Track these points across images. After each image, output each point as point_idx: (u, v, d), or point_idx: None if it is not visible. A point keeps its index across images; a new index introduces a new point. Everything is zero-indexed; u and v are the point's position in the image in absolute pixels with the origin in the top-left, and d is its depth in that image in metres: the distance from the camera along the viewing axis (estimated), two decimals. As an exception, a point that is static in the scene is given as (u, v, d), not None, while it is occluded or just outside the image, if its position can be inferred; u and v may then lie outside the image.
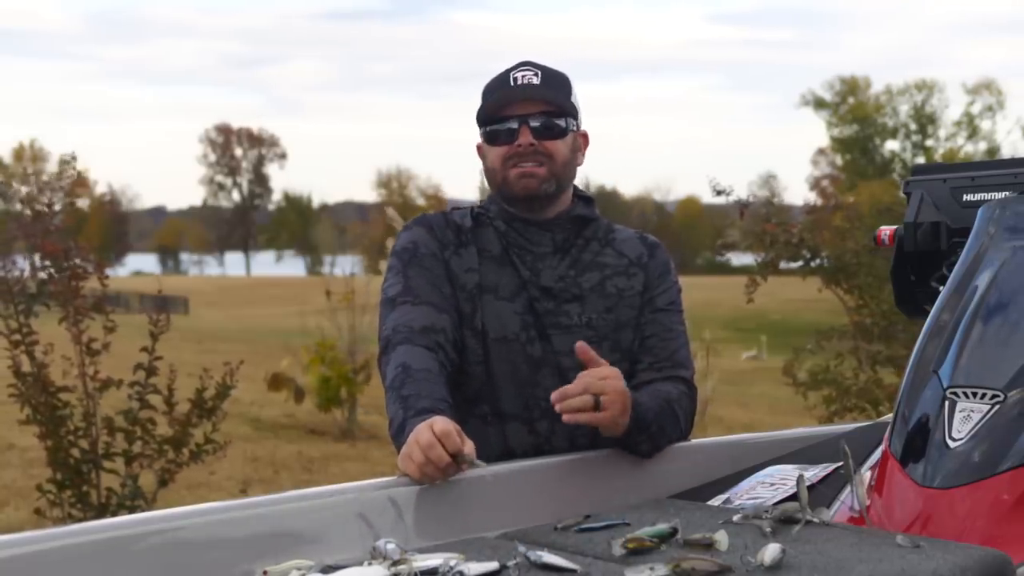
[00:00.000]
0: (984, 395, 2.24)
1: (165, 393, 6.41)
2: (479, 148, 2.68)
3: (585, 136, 2.71)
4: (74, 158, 7.00)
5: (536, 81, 2.61)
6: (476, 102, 2.66)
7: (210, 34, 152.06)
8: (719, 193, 9.17)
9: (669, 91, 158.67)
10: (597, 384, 2.36)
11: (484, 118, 2.64)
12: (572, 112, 2.64)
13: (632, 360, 2.62)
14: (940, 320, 2.44)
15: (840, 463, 2.35)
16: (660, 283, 2.69)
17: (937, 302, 2.51)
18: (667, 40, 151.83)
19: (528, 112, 2.59)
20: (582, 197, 2.72)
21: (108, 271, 6.87)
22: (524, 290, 2.60)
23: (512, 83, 2.62)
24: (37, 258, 6.67)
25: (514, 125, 2.59)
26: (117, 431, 6.31)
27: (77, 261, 6.57)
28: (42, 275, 6.62)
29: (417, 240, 2.64)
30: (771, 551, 1.89)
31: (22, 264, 6.74)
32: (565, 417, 2.35)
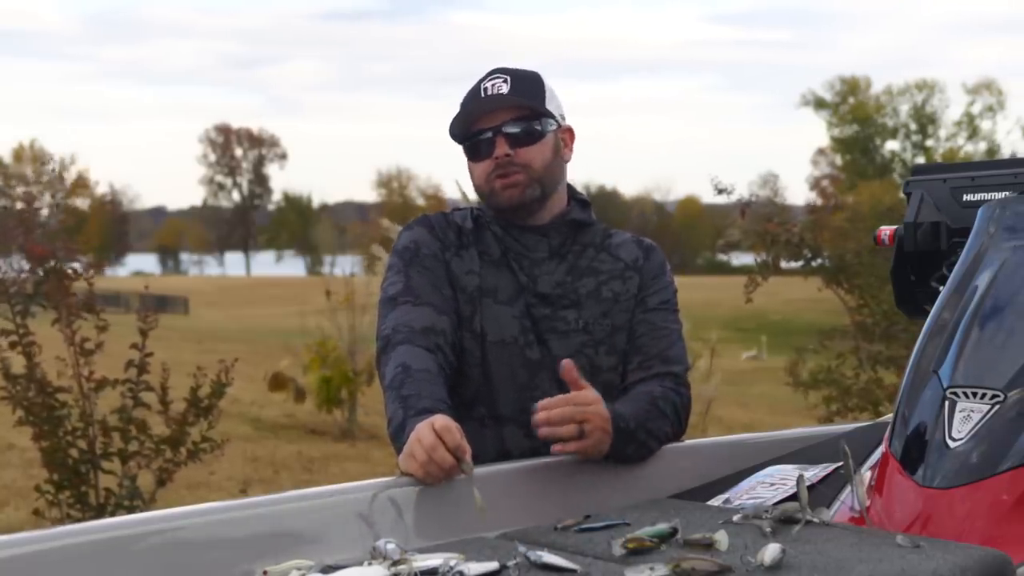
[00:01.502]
0: (984, 395, 2.24)
1: (159, 392, 6.40)
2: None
3: (570, 131, 2.69)
4: (63, 161, 6.98)
5: (505, 88, 2.59)
6: None
7: (209, 34, 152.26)
8: (721, 192, 9.16)
9: (667, 91, 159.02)
10: (580, 413, 2.36)
11: (459, 134, 2.62)
12: (546, 112, 2.61)
13: (627, 362, 2.63)
14: (940, 320, 2.44)
15: (840, 463, 2.35)
16: (654, 284, 2.68)
17: (937, 302, 2.51)
18: (664, 40, 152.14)
19: (500, 121, 2.57)
20: (579, 200, 2.70)
21: (108, 271, 6.87)
22: (522, 295, 2.60)
23: (482, 94, 2.59)
24: (22, 259, 6.65)
25: (489, 136, 2.58)
26: (113, 430, 6.31)
27: (74, 264, 6.55)
28: (26, 275, 6.60)
29: (419, 240, 2.63)
30: (771, 551, 1.89)
31: (19, 265, 6.73)
32: (554, 447, 2.36)
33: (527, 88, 2.61)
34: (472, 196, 6.59)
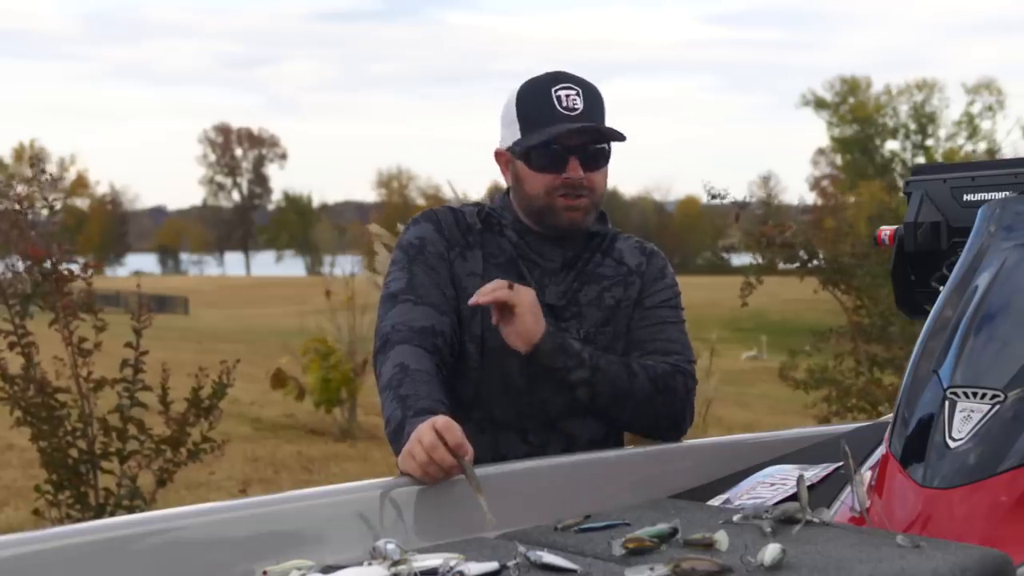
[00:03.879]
0: (984, 395, 2.24)
1: (157, 391, 6.40)
2: (499, 155, 2.62)
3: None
4: (62, 161, 6.96)
5: (580, 104, 2.53)
6: (473, 103, 2.74)
7: (206, 34, 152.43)
8: (714, 198, 9.12)
9: (663, 92, 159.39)
10: (508, 295, 2.42)
11: (527, 140, 2.54)
12: (615, 136, 2.58)
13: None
14: (940, 320, 2.44)
15: (840, 463, 2.35)
16: (653, 285, 2.66)
17: (937, 302, 2.51)
18: (660, 41, 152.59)
19: (576, 141, 2.52)
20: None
21: (108, 271, 6.86)
22: None
23: (557, 104, 2.53)
24: (18, 260, 6.64)
25: (560, 151, 2.53)
26: (112, 430, 6.30)
27: (71, 265, 6.54)
28: (23, 276, 6.58)
29: (425, 236, 2.60)
30: (771, 551, 1.89)
31: (17, 265, 6.72)
32: (481, 299, 2.44)
33: (599, 107, 2.57)
34: (465, 195, 6.56)
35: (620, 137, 2.58)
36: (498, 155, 2.64)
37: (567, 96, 2.55)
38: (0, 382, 6.23)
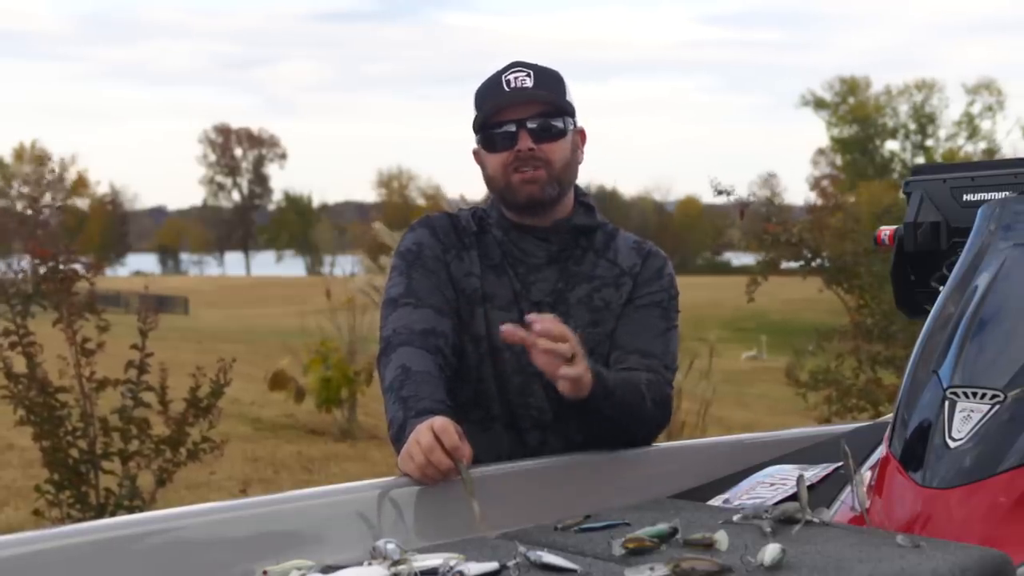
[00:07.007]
0: (984, 395, 2.24)
1: (159, 392, 6.40)
2: (476, 154, 2.65)
3: (582, 133, 2.67)
4: (63, 161, 7.00)
5: (529, 82, 2.57)
6: (470, 103, 2.63)
7: (202, 35, 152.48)
8: (720, 193, 9.12)
9: (660, 92, 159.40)
10: (572, 337, 2.31)
11: (480, 124, 2.60)
12: (569, 111, 2.60)
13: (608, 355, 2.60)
14: (940, 320, 2.44)
15: (840, 463, 2.35)
16: (646, 287, 2.64)
17: (937, 302, 2.51)
18: (657, 41, 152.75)
19: (525, 115, 2.55)
20: (584, 203, 2.67)
21: (108, 271, 6.88)
22: (516, 303, 2.58)
23: (505, 86, 2.58)
24: (24, 259, 6.65)
25: (511, 129, 2.55)
26: (113, 430, 6.31)
27: (74, 265, 6.55)
28: (26, 275, 6.60)
29: (422, 241, 2.61)
30: (771, 551, 1.89)
31: (20, 265, 6.73)
32: (540, 361, 2.30)
33: (551, 84, 2.59)
34: (470, 197, 6.60)
35: (566, 108, 2.58)
36: (474, 154, 2.66)
37: (516, 78, 2.58)
38: (3, 380, 6.25)
